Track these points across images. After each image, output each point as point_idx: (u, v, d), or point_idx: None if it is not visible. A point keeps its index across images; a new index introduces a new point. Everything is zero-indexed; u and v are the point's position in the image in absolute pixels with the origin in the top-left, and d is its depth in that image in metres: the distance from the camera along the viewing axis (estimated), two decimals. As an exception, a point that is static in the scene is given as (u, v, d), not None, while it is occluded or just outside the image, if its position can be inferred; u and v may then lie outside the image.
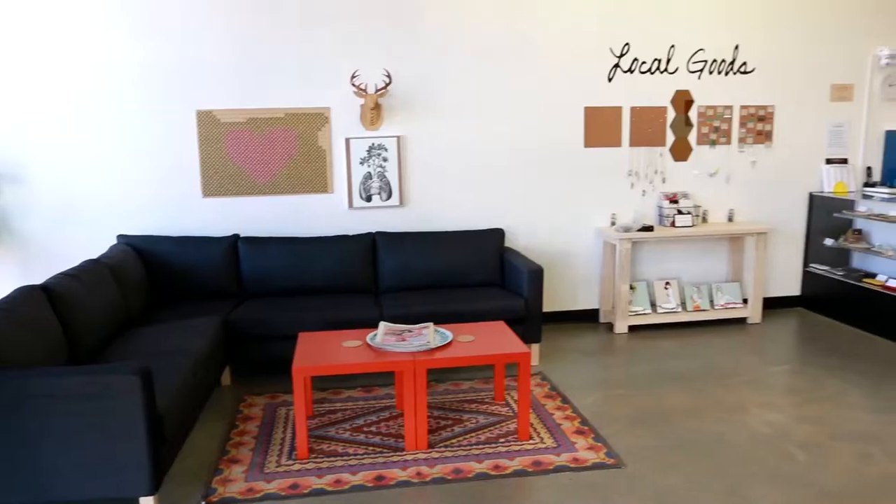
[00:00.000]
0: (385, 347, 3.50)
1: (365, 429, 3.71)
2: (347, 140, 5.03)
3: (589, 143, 5.38)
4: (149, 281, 4.62)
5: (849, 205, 5.68)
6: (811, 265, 5.90)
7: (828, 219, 5.80)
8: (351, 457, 3.38)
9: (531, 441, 3.52)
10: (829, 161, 5.84)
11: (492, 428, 3.69)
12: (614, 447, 3.47)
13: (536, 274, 4.54)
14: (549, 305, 5.52)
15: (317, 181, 5.06)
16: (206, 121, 4.87)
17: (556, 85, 5.26)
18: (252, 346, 4.31)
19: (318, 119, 4.98)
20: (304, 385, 3.40)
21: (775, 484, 3.12)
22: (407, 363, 3.36)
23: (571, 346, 5.05)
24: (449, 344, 3.59)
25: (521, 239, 5.41)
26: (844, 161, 5.86)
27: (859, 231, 5.74)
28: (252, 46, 4.84)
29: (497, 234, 5.08)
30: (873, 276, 5.43)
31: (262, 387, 4.39)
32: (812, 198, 5.84)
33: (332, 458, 3.37)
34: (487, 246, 5.01)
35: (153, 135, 4.85)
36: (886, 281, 5.24)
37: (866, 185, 5.89)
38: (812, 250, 5.90)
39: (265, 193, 5.02)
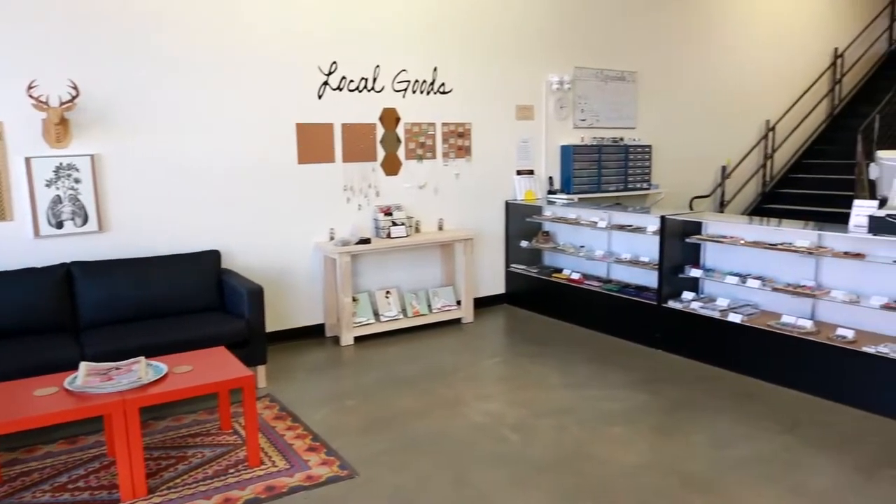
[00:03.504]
0: (88, 390, 3.12)
1: (70, 486, 3.26)
2: (28, 159, 4.40)
3: (303, 159, 5.39)
4: None
5: (537, 210, 6.46)
6: (512, 265, 6.59)
7: (522, 223, 6.53)
8: (53, 520, 2.95)
9: (263, 466, 3.40)
10: (519, 172, 6.57)
11: (220, 459, 3.49)
12: (347, 458, 3.50)
13: (256, 294, 4.41)
14: (273, 325, 5.40)
15: (-10, 208, 4.35)
16: None
17: (267, 102, 5.18)
18: (-90, 411, 3.54)
19: (-14, 136, 4.29)
20: (-15, 447, 2.89)
21: (495, 465, 3.40)
22: (115, 404, 3.04)
23: (299, 364, 5.00)
24: (164, 377, 3.32)
25: (239, 259, 5.22)
26: (531, 172, 6.65)
27: (547, 233, 6.55)
28: None
29: (213, 256, 4.84)
30: (560, 270, 6.24)
31: (-71, 457, 3.64)
32: (508, 205, 6.53)
33: (27, 527, 2.91)
34: (204, 269, 4.74)
35: None
36: (570, 274, 6.04)
37: (550, 192, 6.76)
38: (511, 252, 6.59)
39: (-82, 225, 4.18)
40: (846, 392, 4.11)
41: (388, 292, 5.83)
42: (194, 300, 4.65)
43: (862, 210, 4.14)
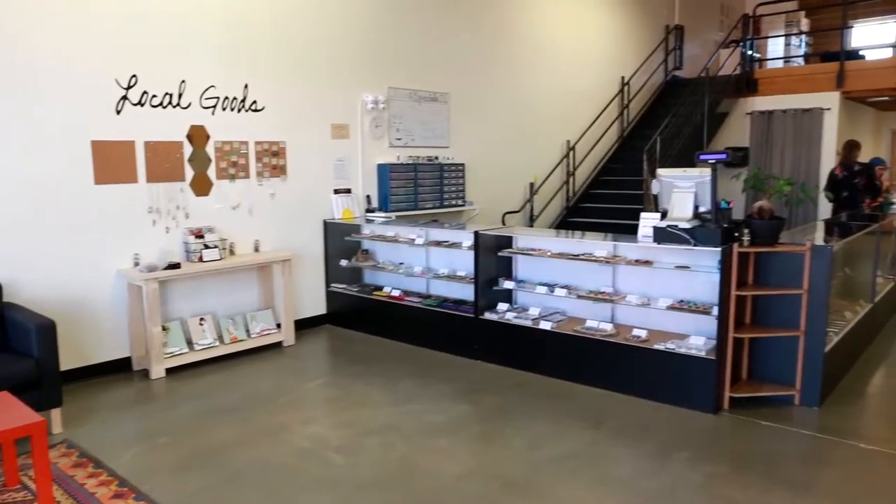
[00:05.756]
0: None
1: None
2: None
3: (100, 179, 4.96)
4: None
5: (356, 229, 6.47)
6: (332, 285, 6.52)
7: (341, 242, 6.50)
8: None
9: (59, 520, 3.06)
10: (336, 191, 6.54)
11: (5, 519, 3.09)
12: (160, 501, 3.25)
13: (47, 329, 3.97)
14: (70, 362, 4.89)
15: None
16: None
17: (56, 117, 4.71)
18: None
19: None
20: None
21: (321, 490, 3.33)
22: None
23: (102, 403, 4.57)
24: (-69, 430, 2.88)
25: (26, 291, 4.68)
26: (349, 191, 6.64)
27: (367, 251, 6.57)
28: None
29: (-7, 289, 4.30)
30: (381, 288, 6.28)
31: None
32: (326, 224, 6.47)
33: None
34: (-19, 304, 4.19)
35: None
36: (391, 291, 6.10)
37: (368, 210, 6.79)
38: (331, 271, 6.52)
39: None
40: (642, 386, 4.52)
41: (201, 319, 5.52)
42: (-30, 340, 4.09)
43: (647, 222, 4.60)
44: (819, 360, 4.29)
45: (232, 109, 5.69)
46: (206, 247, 5.37)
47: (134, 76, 5.08)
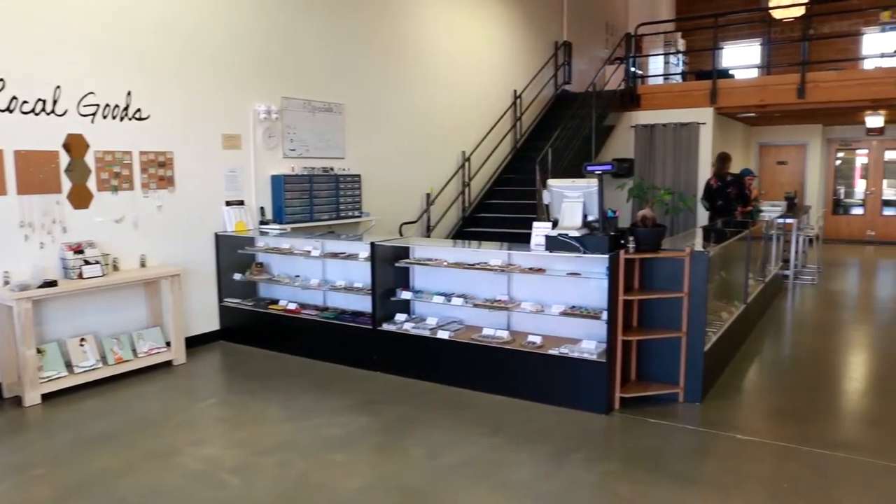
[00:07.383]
0: None
1: None
2: None
3: (-36, 192, 4.59)
4: None
5: (250, 241, 6.29)
6: (225, 300, 6.30)
7: (234, 255, 6.30)
8: None
9: (-84, 566, 2.78)
10: (228, 203, 6.33)
11: None
12: (34, 536, 3.02)
13: None
14: (-70, 392, 4.49)
15: None
16: None
17: None
18: None
19: None
20: None
21: (212, 515, 3.20)
22: None
23: (-32, 434, 4.21)
24: None
25: None
26: (241, 202, 6.45)
27: (261, 264, 6.40)
28: None
29: None
30: (276, 302, 6.13)
31: None
32: (218, 237, 6.25)
33: None
34: None
35: None
36: (287, 305, 5.97)
37: (262, 222, 6.62)
38: (224, 286, 6.30)
39: None
40: (538, 391, 4.64)
41: (82, 340, 5.19)
42: None
43: (540, 231, 4.73)
44: (700, 359, 4.55)
45: (114, 117, 5.41)
46: (87, 262, 5.06)
47: (1, 80, 4.74)
